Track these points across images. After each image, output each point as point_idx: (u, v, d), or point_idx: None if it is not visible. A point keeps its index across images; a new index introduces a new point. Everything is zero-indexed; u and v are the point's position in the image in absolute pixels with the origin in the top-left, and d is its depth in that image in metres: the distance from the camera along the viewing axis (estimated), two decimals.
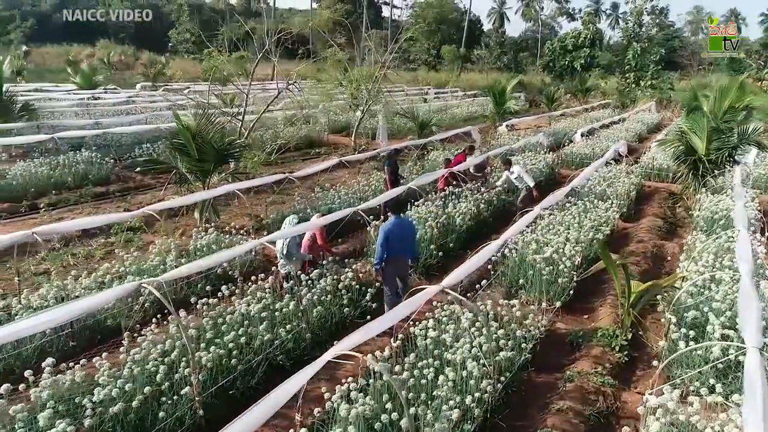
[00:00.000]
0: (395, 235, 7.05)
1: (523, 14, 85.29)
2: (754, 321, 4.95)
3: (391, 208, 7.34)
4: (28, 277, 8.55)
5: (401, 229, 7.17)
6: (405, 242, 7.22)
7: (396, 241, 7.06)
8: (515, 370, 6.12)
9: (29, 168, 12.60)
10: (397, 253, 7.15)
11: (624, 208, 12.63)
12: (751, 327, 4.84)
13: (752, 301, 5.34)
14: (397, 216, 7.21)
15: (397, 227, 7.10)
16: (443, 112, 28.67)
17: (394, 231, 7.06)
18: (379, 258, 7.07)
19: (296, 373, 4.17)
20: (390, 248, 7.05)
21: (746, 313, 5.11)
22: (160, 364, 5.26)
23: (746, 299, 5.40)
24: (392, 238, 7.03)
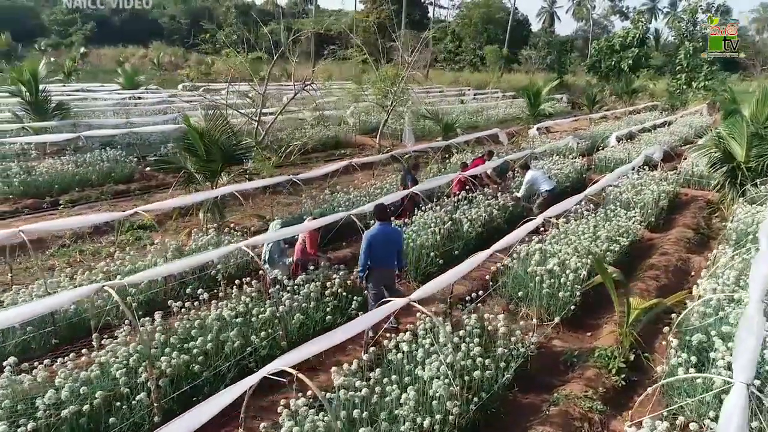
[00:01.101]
0: (379, 241, 6.81)
1: (574, 13, 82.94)
2: (748, 353, 4.43)
3: (375, 215, 7.09)
4: (33, 272, 8.80)
5: (386, 236, 6.92)
6: (390, 250, 6.96)
7: (380, 248, 6.82)
8: (495, 390, 5.75)
9: (56, 165, 13.05)
10: (382, 261, 6.90)
11: (651, 217, 11.91)
12: (743, 359, 4.33)
13: (753, 329, 4.78)
14: (382, 222, 6.96)
15: (381, 234, 6.86)
16: (479, 114, 28.11)
17: (378, 237, 6.82)
18: (362, 265, 6.85)
19: (231, 387, 4.01)
20: (374, 256, 6.82)
21: (742, 343, 4.58)
22: (120, 368, 5.23)
23: (746, 327, 4.84)
24: (376, 244, 6.79)
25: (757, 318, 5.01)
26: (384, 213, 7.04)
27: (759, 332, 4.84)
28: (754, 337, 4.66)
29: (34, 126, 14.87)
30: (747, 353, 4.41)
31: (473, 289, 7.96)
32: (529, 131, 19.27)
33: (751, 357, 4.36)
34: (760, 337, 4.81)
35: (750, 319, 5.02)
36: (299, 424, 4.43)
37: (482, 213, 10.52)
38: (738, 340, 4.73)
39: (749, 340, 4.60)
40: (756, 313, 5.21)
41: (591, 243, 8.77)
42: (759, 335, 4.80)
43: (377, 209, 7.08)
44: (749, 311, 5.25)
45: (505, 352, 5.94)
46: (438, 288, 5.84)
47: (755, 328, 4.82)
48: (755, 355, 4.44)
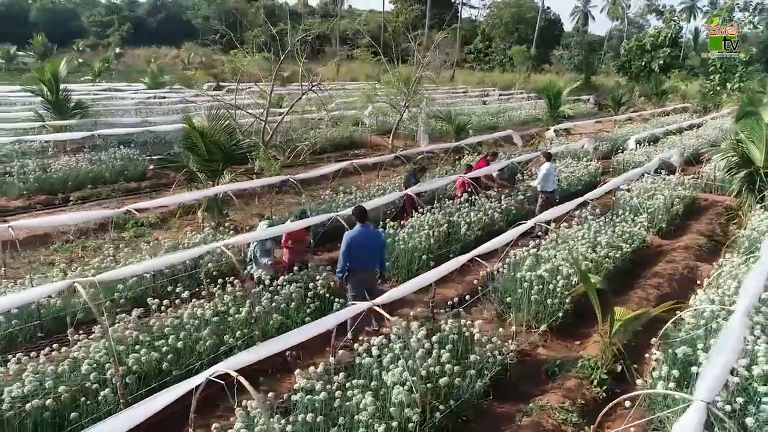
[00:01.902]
0: (359, 242, 6.75)
1: (609, 12, 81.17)
2: (715, 370, 4.20)
3: (355, 217, 7.03)
4: (36, 266, 9.05)
5: (366, 237, 6.86)
6: (370, 252, 6.89)
7: (360, 249, 6.76)
8: (466, 398, 5.63)
9: (70, 163, 13.41)
10: (363, 262, 6.84)
11: (663, 222, 11.52)
12: (708, 376, 4.11)
13: (727, 345, 4.54)
14: (363, 224, 6.90)
15: (361, 235, 6.81)
16: (500, 115, 27.73)
17: (358, 239, 6.76)
18: (341, 267, 6.81)
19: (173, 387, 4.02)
20: (354, 257, 6.77)
21: (712, 360, 4.36)
22: (91, 363, 5.31)
23: (723, 342, 4.61)
24: (355, 245, 6.74)
25: (737, 333, 4.77)
26: (364, 214, 6.98)
27: (735, 347, 4.60)
28: (727, 353, 4.43)
29: (54, 124, 15.35)
30: (714, 370, 4.18)
31: (463, 294, 7.87)
32: (546, 133, 18.88)
33: (718, 374, 4.14)
34: (735, 351, 4.58)
35: (728, 333, 4.78)
36: (249, 428, 4.41)
37: (482, 216, 10.35)
38: (710, 355, 4.50)
39: (720, 356, 4.37)
40: (738, 326, 4.96)
41: (588, 249, 8.53)
42: (735, 350, 4.57)
43: (357, 211, 7.02)
44: (730, 324, 5.00)
45: (477, 360, 5.80)
46: (407, 292, 5.73)
47: (730, 344, 4.58)
48: (723, 372, 4.21)
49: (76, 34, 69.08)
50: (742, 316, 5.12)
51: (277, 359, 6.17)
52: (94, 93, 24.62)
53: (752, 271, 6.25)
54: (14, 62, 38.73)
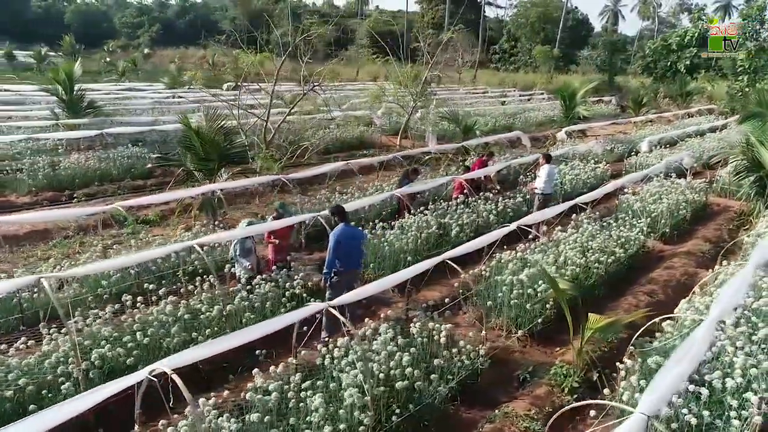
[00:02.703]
0: (347, 240, 6.78)
1: (640, 12, 79.43)
2: (665, 381, 4.06)
3: (335, 215, 7.00)
4: (33, 261, 9.30)
5: (352, 236, 6.92)
6: (355, 250, 6.95)
7: (347, 247, 6.80)
8: (427, 403, 5.55)
9: (80, 160, 13.75)
10: (348, 261, 6.86)
11: (666, 227, 11.19)
12: (655, 388, 3.96)
13: (684, 356, 4.38)
14: (345, 223, 6.90)
15: (347, 233, 6.83)
16: (517, 116, 27.39)
17: (346, 235, 6.81)
18: (330, 265, 6.78)
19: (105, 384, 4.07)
20: (342, 256, 6.76)
21: (663, 371, 4.20)
22: (59, 357, 5.43)
23: (680, 353, 4.44)
24: (344, 243, 6.75)
25: (698, 344, 4.59)
26: (344, 213, 6.96)
27: (694, 358, 4.44)
28: (683, 364, 4.27)
29: (68, 123, 15.77)
30: (663, 382, 4.04)
31: (447, 296, 7.79)
32: (557, 134, 18.55)
33: (666, 386, 3.99)
34: (694, 362, 4.42)
35: (688, 344, 4.61)
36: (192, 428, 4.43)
37: (476, 218, 10.22)
38: (663, 366, 4.34)
39: (674, 368, 4.21)
40: (702, 336, 4.78)
41: (577, 253, 8.33)
42: (693, 361, 4.41)
43: (337, 209, 7.00)
44: (693, 334, 4.82)
45: (442, 364, 5.72)
46: (366, 294, 5.69)
47: (689, 355, 4.42)
48: (672, 384, 4.06)
49: (109, 35, 71.01)
50: (709, 326, 4.92)
51: (245, 357, 6.25)
52: (115, 92, 25.22)
53: (732, 279, 6.01)
54: (45, 62, 39.89)
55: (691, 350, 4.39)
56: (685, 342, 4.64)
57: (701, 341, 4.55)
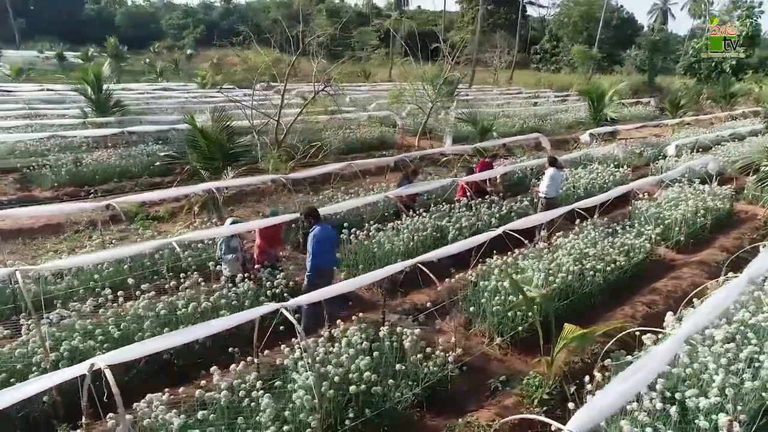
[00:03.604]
0: (325, 240, 6.85)
1: (690, 10, 76.35)
2: (606, 399, 3.85)
3: (308, 216, 7.01)
4: (41, 253, 9.71)
5: (328, 236, 6.98)
6: (331, 250, 7.02)
7: (325, 246, 6.86)
8: (387, 408, 5.47)
9: (102, 157, 14.26)
10: (326, 260, 6.92)
11: (681, 235, 10.69)
12: (594, 404, 3.77)
13: (636, 374, 4.14)
14: (319, 223, 6.91)
15: (325, 233, 6.90)
16: (548, 118, 26.79)
17: (324, 235, 6.89)
18: (312, 267, 6.87)
19: None
20: (321, 256, 6.81)
21: (609, 388, 3.98)
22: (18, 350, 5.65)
23: (629, 371, 4.18)
24: (323, 243, 6.80)
25: (654, 362, 4.33)
26: (317, 214, 6.98)
27: (647, 376, 4.20)
28: (629, 382, 4.04)
29: (95, 121, 16.40)
30: (604, 400, 3.83)
31: (435, 300, 7.70)
32: (581, 137, 17.99)
33: (606, 404, 3.79)
34: (645, 381, 4.18)
35: (643, 361, 4.37)
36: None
37: (476, 221, 10.02)
38: (611, 383, 4.13)
39: (620, 385, 3.99)
40: (666, 350, 4.53)
41: (572, 260, 8.05)
42: (645, 380, 4.17)
43: (309, 211, 7.02)
44: (657, 349, 4.57)
45: (404, 369, 5.63)
46: (327, 296, 5.67)
47: (641, 373, 4.18)
48: (612, 402, 3.85)
49: (156, 36, 73.52)
50: (674, 342, 4.65)
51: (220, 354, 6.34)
52: (150, 92, 26.06)
53: (716, 292, 5.68)
54: (92, 62, 41.66)
55: (643, 369, 4.15)
56: (640, 359, 4.41)
57: (658, 358, 4.30)
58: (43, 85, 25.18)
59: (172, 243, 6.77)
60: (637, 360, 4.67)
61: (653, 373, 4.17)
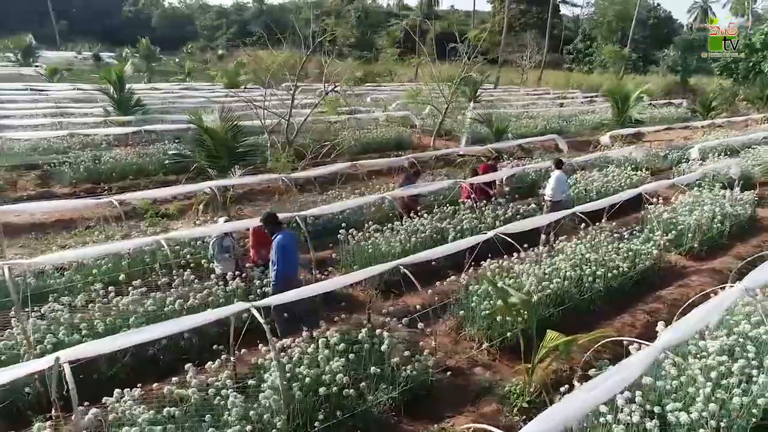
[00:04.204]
0: (290, 246, 6.76)
1: (732, 8, 73.67)
2: (564, 409, 3.71)
3: (270, 224, 6.91)
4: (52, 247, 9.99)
5: (292, 241, 6.89)
6: (295, 255, 6.95)
7: (291, 254, 6.77)
8: (360, 411, 5.42)
9: (119, 155, 14.62)
10: (292, 268, 6.82)
11: (694, 242, 10.30)
12: (548, 416, 3.64)
13: (600, 384, 3.99)
14: (281, 230, 6.86)
15: (289, 239, 6.80)
16: (573, 119, 26.26)
17: (289, 241, 6.78)
18: (279, 275, 6.66)
19: None
20: (287, 263, 6.72)
21: (573, 395, 3.84)
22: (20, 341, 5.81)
23: (591, 384, 4.02)
24: (289, 249, 6.72)
25: (622, 374, 4.16)
26: (277, 221, 6.89)
27: (612, 388, 4.04)
28: (589, 392, 3.89)
29: (116, 120, 16.84)
30: (560, 412, 3.69)
31: (431, 303, 7.63)
32: (601, 139, 17.53)
33: (561, 417, 3.65)
34: (608, 391, 4.02)
35: (615, 369, 4.21)
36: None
37: (478, 224, 9.86)
38: (572, 393, 3.98)
39: (579, 395, 3.85)
40: (637, 361, 4.35)
41: (569, 266, 7.84)
42: (608, 390, 4.01)
43: (270, 218, 6.88)
44: (627, 361, 4.39)
45: (378, 372, 5.56)
46: (293, 299, 5.65)
47: (604, 384, 4.02)
48: (572, 414, 3.71)
49: (191, 37, 75.12)
50: (649, 354, 4.46)
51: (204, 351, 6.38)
52: (176, 91, 26.62)
53: (707, 302, 5.43)
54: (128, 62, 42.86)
55: (606, 381, 3.99)
56: (605, 371, 4.24)
57: (625, 370, 4.13)
58: (74, 85, 25.96)
59: (161, 240, 6.85)
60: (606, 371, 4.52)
61: (618, 385, 4.00)
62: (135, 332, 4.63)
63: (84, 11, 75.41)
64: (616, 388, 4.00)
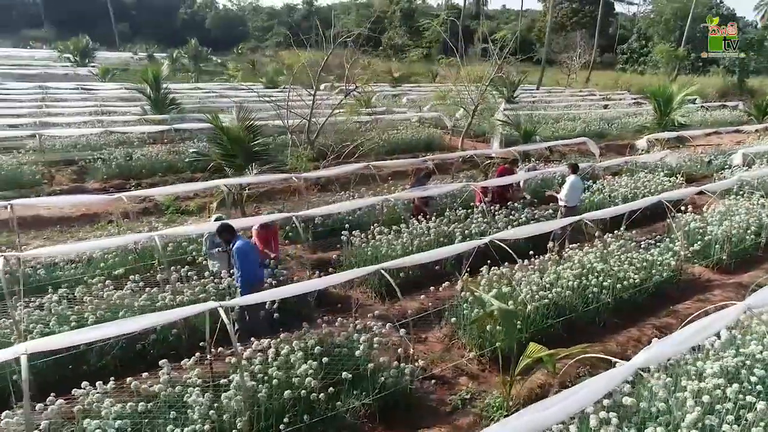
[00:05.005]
0: (251, 252, 6.73)
1: None
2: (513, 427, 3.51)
3: (226, 233, 6.83)
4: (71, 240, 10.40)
5: (251, 248, 6.84)
6: (257, 262, 6.90)
7: (253, 260, 6.72)
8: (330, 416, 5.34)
9: (151, 153, 15.10)
10: (257, 274, 6.79)
11: (723, 254, 9.66)
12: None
13: (558, 404, 3.75)
14: (237, 238, 6.80)
15: (247, 246, 6.76)
16: (615, 122, 25.26)
17: (249, 246, 6.77)
18: (245, 283, 6.57)
19: None
20: (250, 270, 6.63)
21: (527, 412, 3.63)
22: None
23: (548, 403, 3.79)
24: (251, 255, 6.68)
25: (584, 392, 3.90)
26: (233, 230, 6.83)
27: (568, 409, 3.79)
28: (547, 413, 3.67)
29: (152, 118, 17.41)
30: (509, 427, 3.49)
31: (428, 308, 7.52)
32: (637, 143, 16.72)
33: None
34: (563, 412, 3.77)
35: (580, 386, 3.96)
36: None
37: (487, 228, 9.59)
38: (522, 411, 3.76)
39: (526, 416, 3.63)
40: (603, 381, 4.07)
41: (573, 276, 7.49)
42: (565, 411, 3.77)
43: (225, 228, 6.80)
44: (590, 380, 4.12)
45: (349, 377, 5.45)
46: (260, 300, 5.62)
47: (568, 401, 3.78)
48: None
49: (243, 38, 77.15)
50: (618, 373, 4.17)
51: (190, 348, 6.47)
52: (216, 91, 27.36)
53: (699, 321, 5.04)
54: (176, 63, 44.38)
55: (565, 400, 3.75)
56: (570, 389, 3.99)
57: (588, 389, 3.87)
58: (122, 85, 27.05)
59: (154, 237, 6.99)
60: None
61: (576, 405, 3.74)
62: (93, 329, 4.70)
63: (143, 14, 78.64)
64: (572, 408, 3.75)
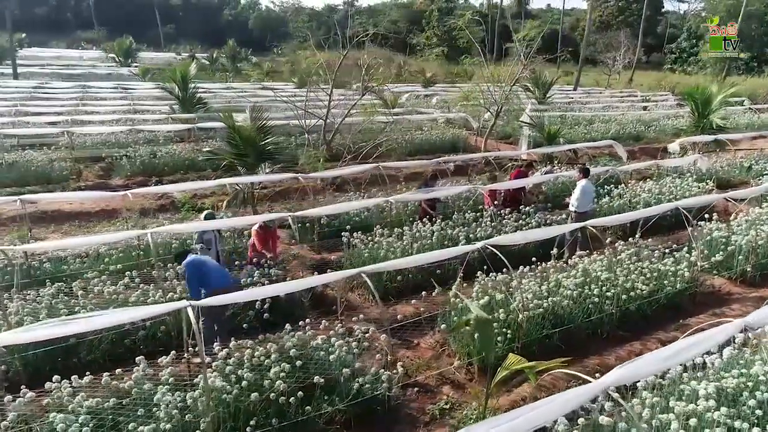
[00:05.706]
0: (203, 263, 6.57)
1: None
2: None
3: (179, 258, 6.77)
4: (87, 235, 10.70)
5: (203, 260, 6.67)
6: (215, 269, 6.68)
7: (208, 270, 6.51)
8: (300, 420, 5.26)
9: (174, 151, 15.43)
10: (220, 281, 6.53)
11: (747, 265, 9.09)
12: None
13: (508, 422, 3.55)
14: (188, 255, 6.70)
15: (199, 259, 6.62)
16: (654, 124, 24.33)
17: (200, 260, 6.62)
18: (198, 293, 6.21)
19: None
20: (211, 279, 6.43)
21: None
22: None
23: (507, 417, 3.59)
24: (204, 267, 6.54)
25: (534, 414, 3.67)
26: (184, 255, 6.74)
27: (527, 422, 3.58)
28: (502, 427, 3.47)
29: (179, 117, 17.80)
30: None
31: (423, 314, 7.39)
32: (670, 146, 15.96)
33: None
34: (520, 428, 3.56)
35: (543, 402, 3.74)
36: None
37: (492, 232, 9.33)
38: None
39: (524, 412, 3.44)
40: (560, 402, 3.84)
41: (574, 284, 7.18)
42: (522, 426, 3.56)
43: (175, 256, 6.79)
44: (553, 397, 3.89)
45: (321, 382, 5.36)
46: (230, 301, 5.57)
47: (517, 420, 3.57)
48: None
49: (284, 38, 78.29)
50: (585, 392, 3.92)
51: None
52: (248, 90, 27.84)
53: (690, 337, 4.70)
54: (216, 63, 45.46)
55: (516, 419, 3.54)
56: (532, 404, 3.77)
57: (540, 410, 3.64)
58: (157, 84, 27.80)
59: (148, 235, 7.08)
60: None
61: (527, 424, 3.52)
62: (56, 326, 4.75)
63: (189, 15, 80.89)
64: (537, 421, 3.53)
